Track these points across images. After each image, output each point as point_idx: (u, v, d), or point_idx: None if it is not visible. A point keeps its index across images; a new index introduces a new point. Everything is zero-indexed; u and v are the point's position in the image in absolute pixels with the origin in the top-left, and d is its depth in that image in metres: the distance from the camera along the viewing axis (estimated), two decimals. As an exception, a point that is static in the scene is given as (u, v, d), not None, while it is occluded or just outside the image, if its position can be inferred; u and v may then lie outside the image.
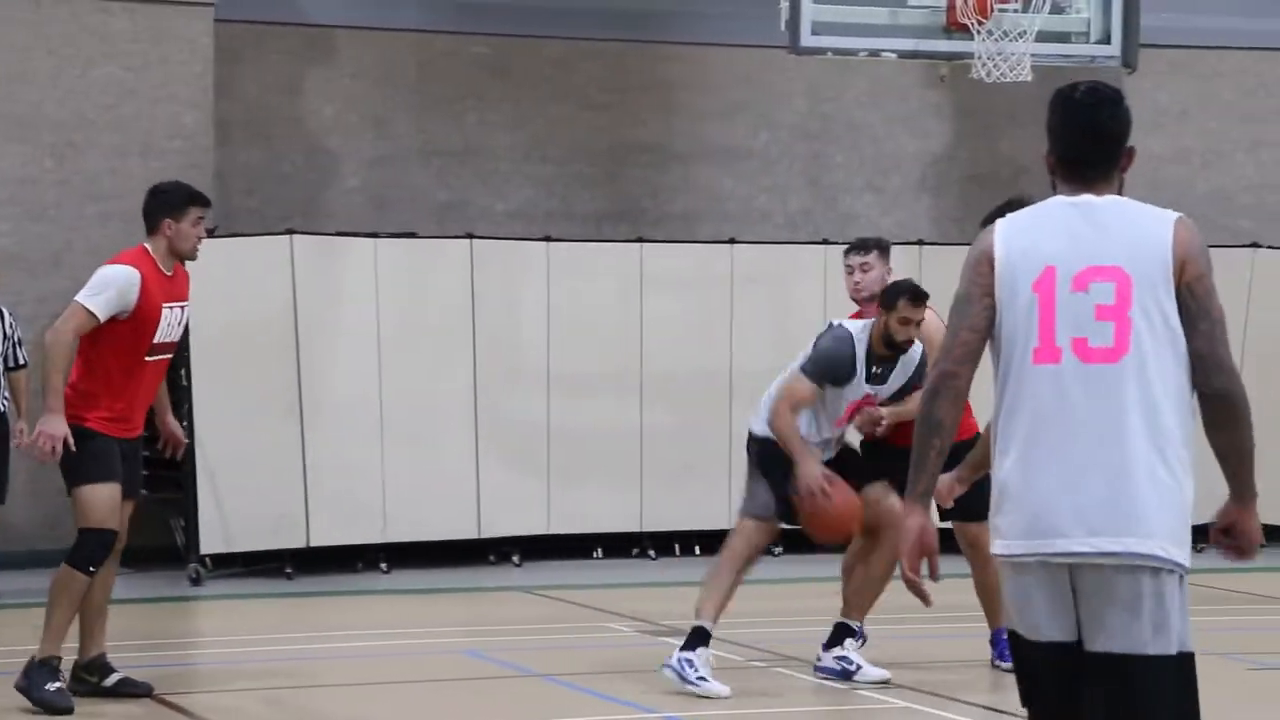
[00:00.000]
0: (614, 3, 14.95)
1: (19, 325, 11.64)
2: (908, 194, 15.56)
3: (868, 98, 15.53)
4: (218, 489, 12.39)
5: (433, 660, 9.55)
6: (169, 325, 8.13)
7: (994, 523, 4.41)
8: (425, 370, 12.91)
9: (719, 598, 8.50)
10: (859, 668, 8.61)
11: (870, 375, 8.56)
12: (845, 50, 13.10)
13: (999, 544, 4.39)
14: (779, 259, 13.76)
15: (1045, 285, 4.34)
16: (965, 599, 8.93)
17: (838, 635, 8.71)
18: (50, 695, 7.99)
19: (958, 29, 12.85)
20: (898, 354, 8.56)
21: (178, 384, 11.95)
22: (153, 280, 8.09)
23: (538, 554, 13.31)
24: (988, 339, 4.42)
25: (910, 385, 8.57)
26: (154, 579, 12.28)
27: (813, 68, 14.93)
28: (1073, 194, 4.45)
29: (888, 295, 8.55)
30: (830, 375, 8.50)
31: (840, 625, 8.74)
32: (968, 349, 4.41)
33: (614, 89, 15.11)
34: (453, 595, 12.12)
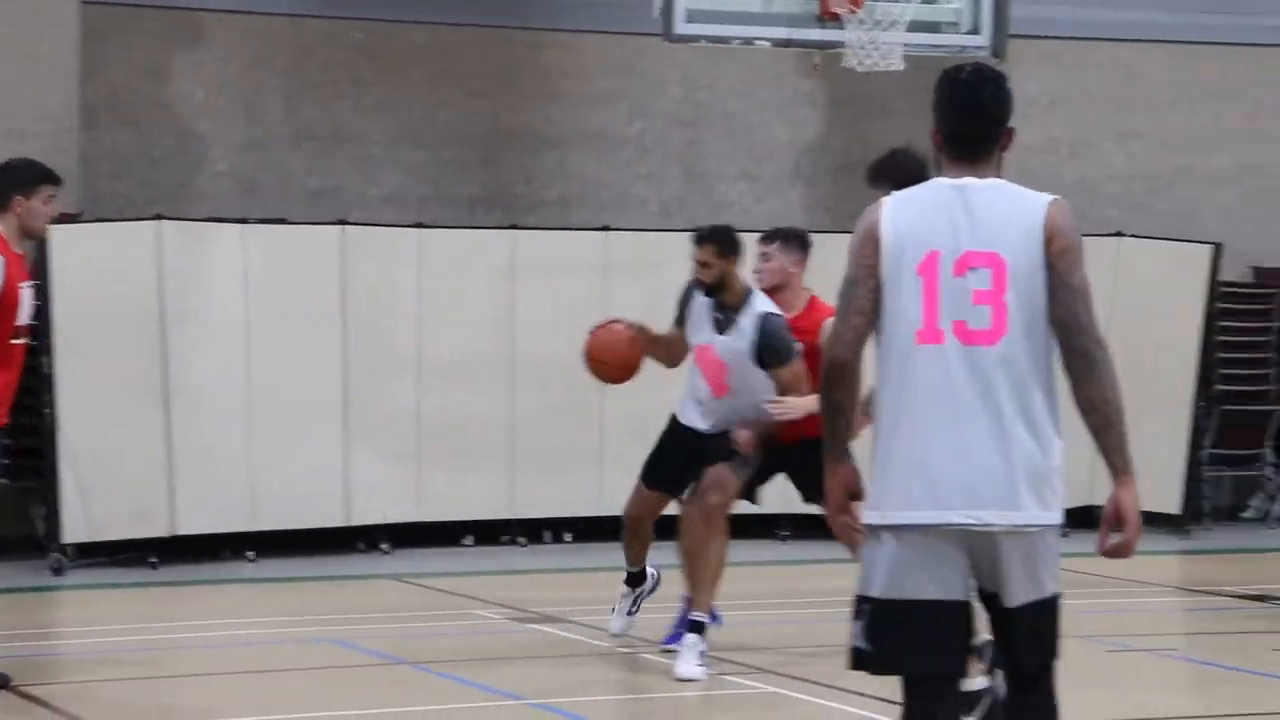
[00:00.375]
0: (488, -12, 14.91)
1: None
2: (781, 182, 15.62)
3: (742, 86, 15.58)
4: (80, 477, 12.22)
5: (300, 649, 9.48)
6: (27, 305, 8.01)
7: (874, 489, 4.66)
8: (294, 357, 12.80)
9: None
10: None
11: (715, 323, 8.72)
12: (719, 38, 13.16)
13: (876, 513, 4.64)
14: (653, 246, 13.75)
15: (928, 269, 4.59)
16: (841, 584, 8.97)
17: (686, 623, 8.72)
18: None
19: (830, 18, 12.94)
20: (728, 304, 8.68)
21: (39, 371, 11.78)
22: (11, 260, 7.96)
23: (407, 541, 13.24)
24: (875, 319, 4.65)
25: (762, 345, 8.61)
26: (14, 569, 12.08)
27: (687, 55, 14.95)
28: (956, 174, 4.69)
29: None
30: (678, 307, 8.91)
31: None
32: (858, 333, 4.67)
33: (489, 75, 15.05)
34: (321, 583, 12.04)
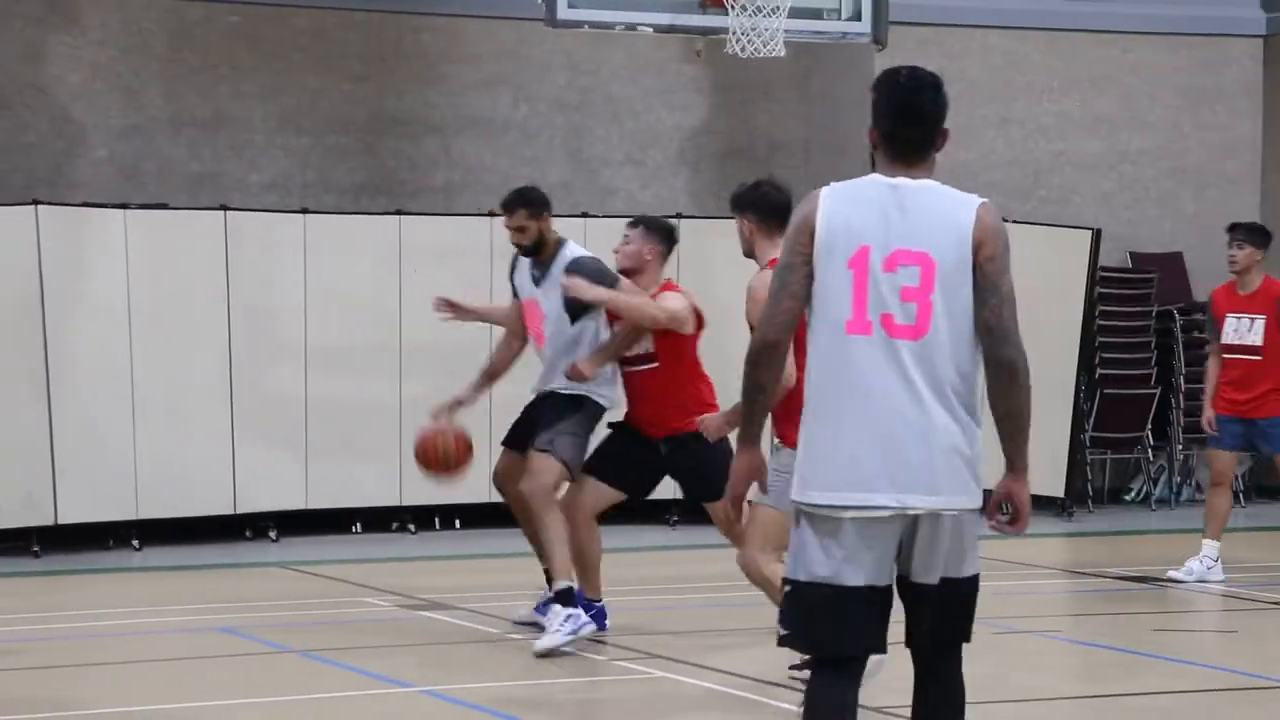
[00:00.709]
0: (371, -28, 14.82)
1: None
2: (666, 168, 15.66)
3: (626, 71, 15.60)
4: (-40, 466, 12.06)
5: (187, 638, 9.41)
6: None
7: (801, 473, 4.85)
8: (178, 344, 12.69)
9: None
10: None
11: (533, 278, 9.24)
12: (602, 23, 13.17)
13: (808, 493, 4.83)
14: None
15: (859, 263, 4.78)
16: (730, 569, 9.05)
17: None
18: None
19: (713, 4, 12.98)
20: (544, 260, 9.18)
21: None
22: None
23: (295, 529, 13.18)
24: (806, 304, 4.86)
25: (568, 300, 9.02)
26: (-106, 560, 11.93)
27: (571, 40, 14.95)
28: (891, 172, 4.89)
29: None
30: (510, 281, 9.50)
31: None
32: (790, 316, 4.87)
33: (371, 60, 14.98)
34: (208, 572, 11.95)
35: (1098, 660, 9.15)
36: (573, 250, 9.19)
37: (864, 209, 4.84)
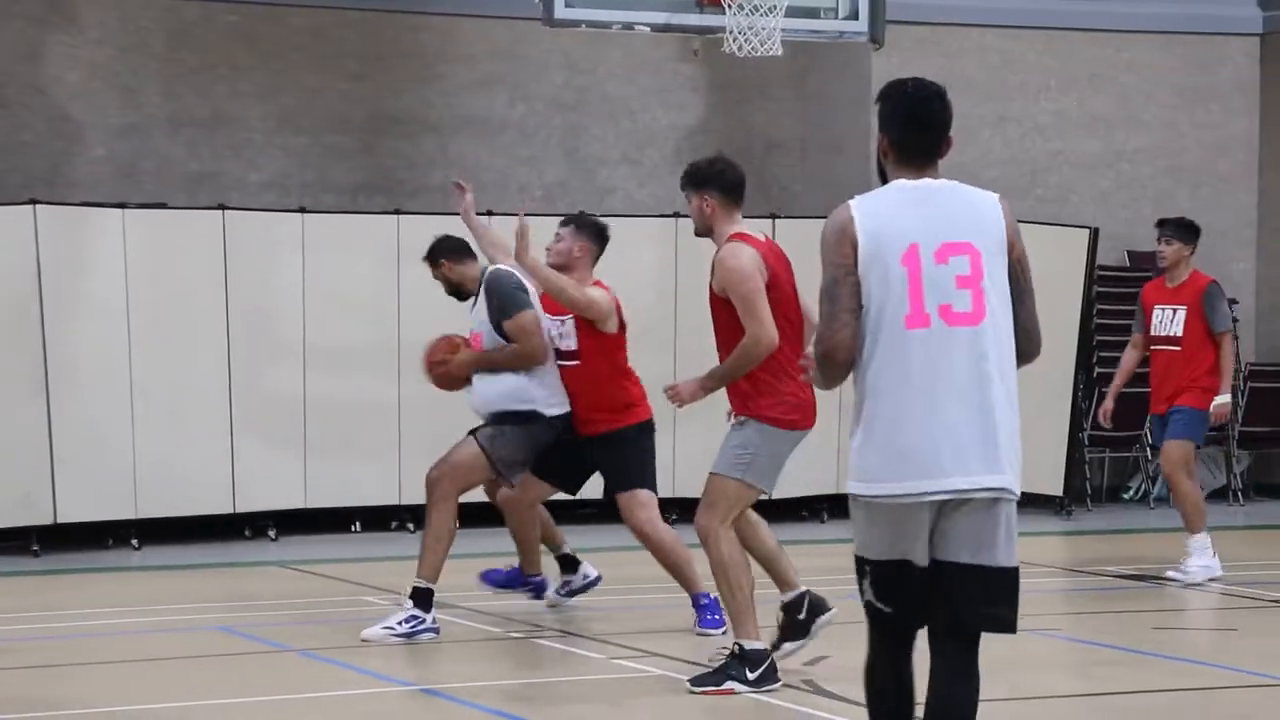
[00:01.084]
0: (368, -28, 14.83)
1: None
2: (664, 167, 15.67)
3: (623, 71, 15.61)
4: (-41, 466, 12.06)
5: (186, 637, 9.42)
6: None
7: (867, 465, 5.05)
8: (177, 344, 12.70)
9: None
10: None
11: (471, 306, 9.55)
12: (599, 23, 13.18)
13: (867, 485, 5.04)
14: (536, 231, 13.64)
15: (911, 260, 5.03)
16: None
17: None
18: None
19: (710, 3, 12.99)
20: (474, 290, 9.45)
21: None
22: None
23: (294, 528, 13.19)
24: (859, 311, 5.06)
25: (489, 305, 9.30)
26: (-108, 559, 11.93)
27: (568, 40, 14.96)
28: (908, 177, 5.15)
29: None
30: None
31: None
32: (849, 329, 5.07)
33: (369, 59, 14.98)
34: (207, 571, 11.96)
35: (1097, 658, 9.16)
36: (488, 272, 9.44)
37: (900, 210, 5.09)
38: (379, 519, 13.54)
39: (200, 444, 12.76)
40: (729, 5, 12.88)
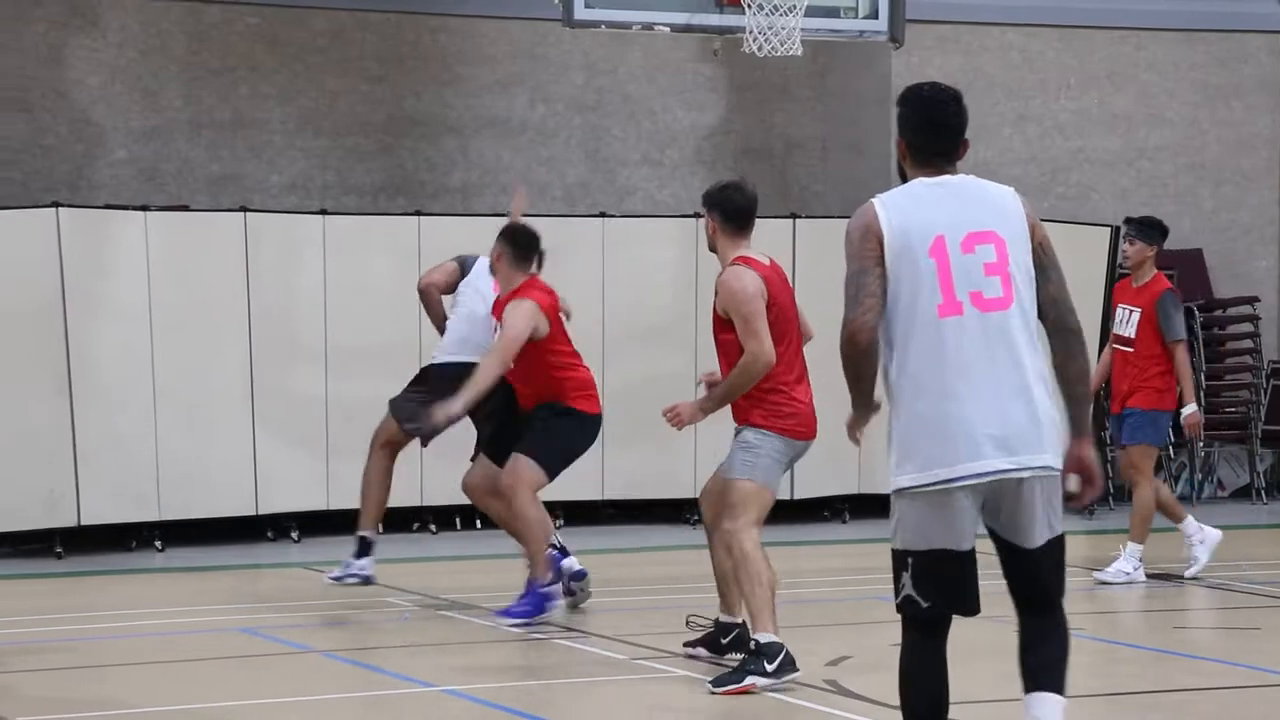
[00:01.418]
0: (388, -26, 14.86)
1: None
2: (684, 167, 15.68)
3: (643, 71, 15.62)
4: (-16, 468, 12.09)
5: (209, 639, 9.44)
6: None
7: (909, 454, 5.19)
8: (199, 345, 12.72)
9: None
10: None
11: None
12: (619, 23, 13.19)
13: (912, 476, 5.19)
14: (557, 232, 13.67)
15: (939, 251, 5.19)
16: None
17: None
18: None
19: (730, 3, 12.99)
20: None
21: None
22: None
23: (317, 529, 13.20)
24: (884, 299, 5.21)
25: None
26: (-83, 561, 11.97)
27: (588, 40, 14.98)
28: (928, 175, 5.33)
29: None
30: None
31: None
32: (874, 314, 5.22)
33: (390, 61, 15.01)
34: (229, 572, 11.98)
35: (1119, 657, 9.16)
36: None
37: (923, 204, 5.27)
38: (401, 520, 13.55)
39: (223, 445, 12.79)
40: (749, 5, 12.88)
